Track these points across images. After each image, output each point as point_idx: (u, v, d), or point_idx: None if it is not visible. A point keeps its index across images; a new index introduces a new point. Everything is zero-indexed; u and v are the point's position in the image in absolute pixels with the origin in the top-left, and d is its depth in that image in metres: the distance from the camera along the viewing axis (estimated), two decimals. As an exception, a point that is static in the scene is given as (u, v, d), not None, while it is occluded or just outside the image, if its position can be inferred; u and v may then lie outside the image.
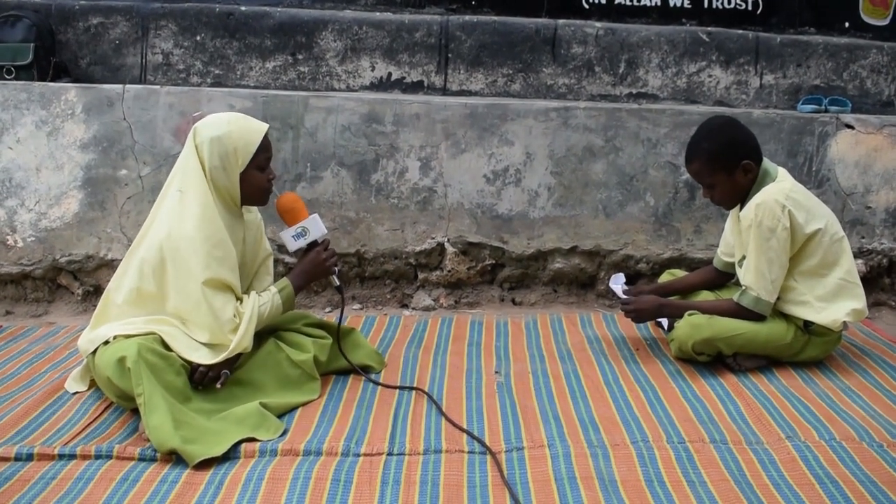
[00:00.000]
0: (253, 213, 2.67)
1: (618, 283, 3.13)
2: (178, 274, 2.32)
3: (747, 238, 2.73)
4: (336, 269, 2.65)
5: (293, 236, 2.58)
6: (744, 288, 2.77)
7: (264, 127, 2.47)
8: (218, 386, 2.37)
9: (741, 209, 2.78)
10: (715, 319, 2.75)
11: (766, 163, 2.79)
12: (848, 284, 2.76)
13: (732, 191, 2.78)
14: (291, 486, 1.98)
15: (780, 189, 2.69)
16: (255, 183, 2.47)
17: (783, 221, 2.65)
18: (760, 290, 2.71)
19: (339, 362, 2.73)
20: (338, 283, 2.70)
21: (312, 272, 2.62)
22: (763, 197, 2.68)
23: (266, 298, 2.49)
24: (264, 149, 2.46)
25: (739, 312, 2.76)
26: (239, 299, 2.44)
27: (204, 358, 2.33)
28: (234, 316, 2.37)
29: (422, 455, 2.17)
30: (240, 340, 2.36)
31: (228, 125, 2.41)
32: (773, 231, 2.66)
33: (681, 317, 2.85)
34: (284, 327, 2.66)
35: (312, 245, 2.61)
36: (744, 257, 2.78)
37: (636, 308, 2.90)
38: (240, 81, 4.14)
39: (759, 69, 4.27)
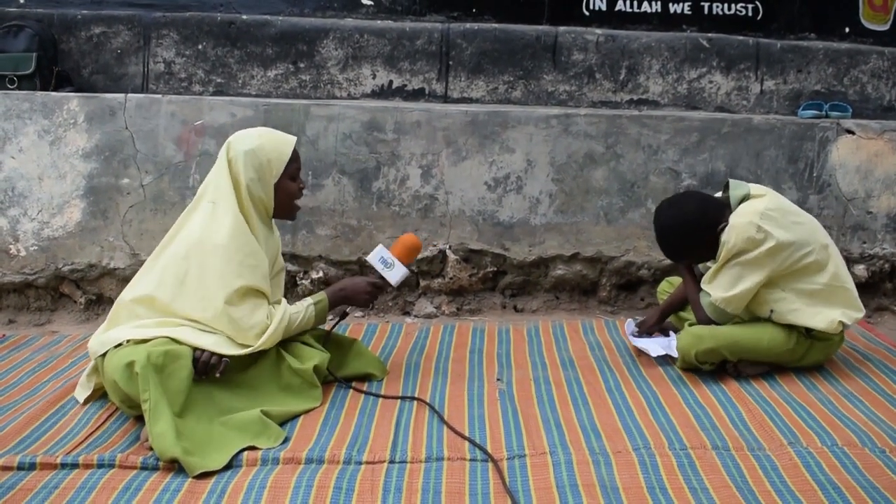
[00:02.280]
0: (275, 230, 2.72)
1: (630, 329, 3.13)
2: (204, 281, 2.38)
3: (720, 256, 2.74)
4: (370, 307, 2.81)
5: (381, 259, 2.71)
6: (702, 290, 2.81)
7: (293, 139, 2.58)
8: (217, 375, 2.36)
9: None
10: (716, 329, 2.75)
11: (734, 186, 2.78)
12: (836, 288, 2.75)
13: (716, 244, 2.76)
14: (293, 494, 1.98)
15: (755, 210, 2.67)
16: (288, 192, 2.57)
17: (762, 243, 2.63)
18: (717, 299, 2.73)
19: (342, 371, 2.74)
20: (347, 314, 2.88)
21: (351, 297, 2.72)
22: (738, 219, 2.68)
23: (300, 308, 2.58)
24: (295, 159, 2.58)
25: (696, 306, 2.83)
26: (270, 304, 2.51)
27: (214, 346, 2.36)
28: (267, 318, 2.45)
29: (424, 463, 2.17)
30: (265, 341, 2.44)
31: (260, 138, 2.51)
32: (743, 251, 2.66)
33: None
34: (288, 337, 2.66)
35: (378, 279, 2.72)
36: None
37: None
38: (241, 90, 4.15)
39: (760, 75, 4.28)
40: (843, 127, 3.74)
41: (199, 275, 2.38)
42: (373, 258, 2.72)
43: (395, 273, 2.70)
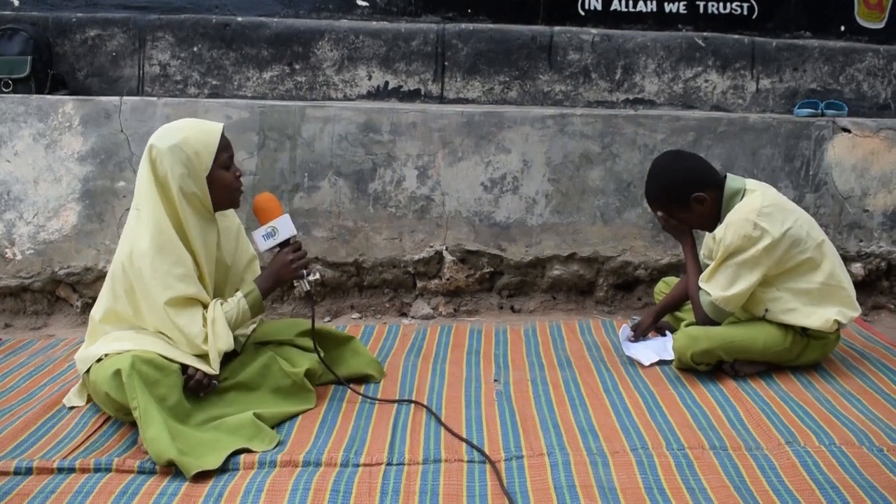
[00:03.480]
0: (229, 219, 2.65)
1: (625, 335, 3.12)
2: (145, 294, 2.33)
3: (717, 254, 2.73)
4: (306, 271, 2.56)
5: (263, 236, 2.52)
6: (700, 288, 2.79)
7: (219, 126, 2.45)
8: (201, 395, 2.37)
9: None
10: (711, 329, 2.75)
11: (732, 180, 2.78)
12: (832, 287, 2.75)
13: (700, 220, 2.81)
14: (291, 497, 1.98)
15: (752, 207, 2.67)
16: (223, 183, 2.44)
17: (758, 241, 2.64)
18: (717, 298, 2.73)
19: (338, 369, 2.71)
20: (307, 287, 2.57)
21: (280, 273, 2.55)
22: (735, 215, 2.68)
23: (231, 304, 2.47)
24: (224, 147, 2.44)
25: (696, 304, 2.81)
26: (206, 307, 2.44)
27: (200, 363, 2.35)
28: (204, 325, 2.38)
29: (421, 465, 2.17)
30: (215, 346, 2.37)
31: (183, 131, 2.39)
32: (741, 249, 2.65)
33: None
34: (279, 339, 2.66)
35: (283, 245, 2.55)
36: None
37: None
38: (237, 92, 4.15)
39: (756, 74, 4.28)
40: (838, 125, 3.74)
41: (140, 288, 2.33)
42: (260, 245, 2.54)
43: (282, 227, 2.52)
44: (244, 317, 2.51)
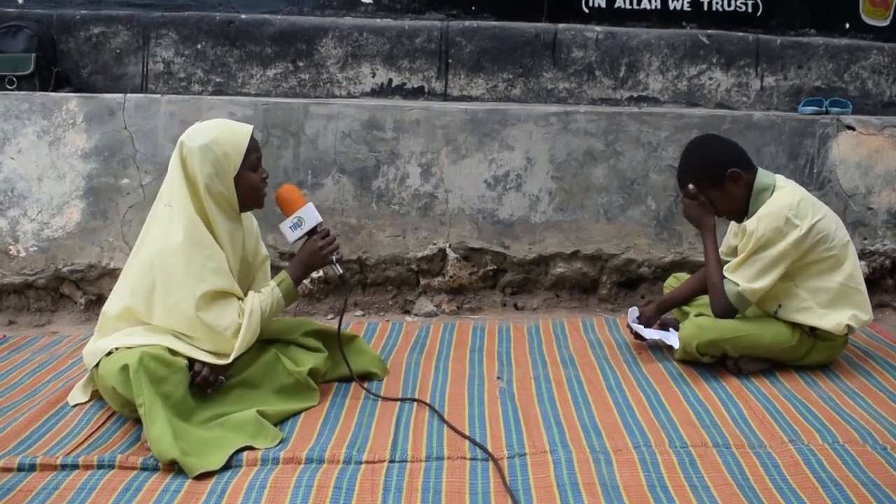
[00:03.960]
0: (249, 220, 2.67)
1: (633, 317, 3.11)
2: (171, 291, 2.32)
3: (746, 246, 2.72)
4: (336, 256, 2.59)
5: (290, 227, 2.56)
6: (726, 278, 2.77)
7: (249, 128, 2.47)
8: (209, 391, 2.37)
9: (744, 220, 2.77)
10: (720, 322, 2.75)
11: (763, 174, 2.78)
12: (850, 290, 2.74)
13: (730, 203, 2.79)
14: (293, 493, 1.98)
15: (785, 202, 2.67)
16: (250, 184, 2.46)
17: (788, 235, 2.63)
18: (745, 289, 2.71)
19: (341, 370, 2.72)
20: (340, 270, 2.63)
21: (309, 261, 2.58)
22: (769, 209, 2.67)
23: (266, 294, 2.49)
24: (253, 149, 2.46)
25: (717, 293, 2.78)
26: (241, 300, 2.46)
27: (211, 357, 2.36)
28: (239, 316, 2.40)
29: (424, 462, 2.17)
30: (244, 336, 2.38)
31: (214, 131, 2.41)
32: (771, 243, 2.65)
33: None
34: (285, 339, 2.66)
35: (311, 234, 2.58)
36: None
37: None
38: (241, 89, 4.15)
39: (760, 71, 4.27)
40: (843, 123, 3.73)
41: (165, 285, 2.32)
42: (289, 236, 2.57)
43: (307, 216, 2.55)
44: (279, 305, 2.53)
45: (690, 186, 2.80)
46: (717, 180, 2.75)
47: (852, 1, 4.51)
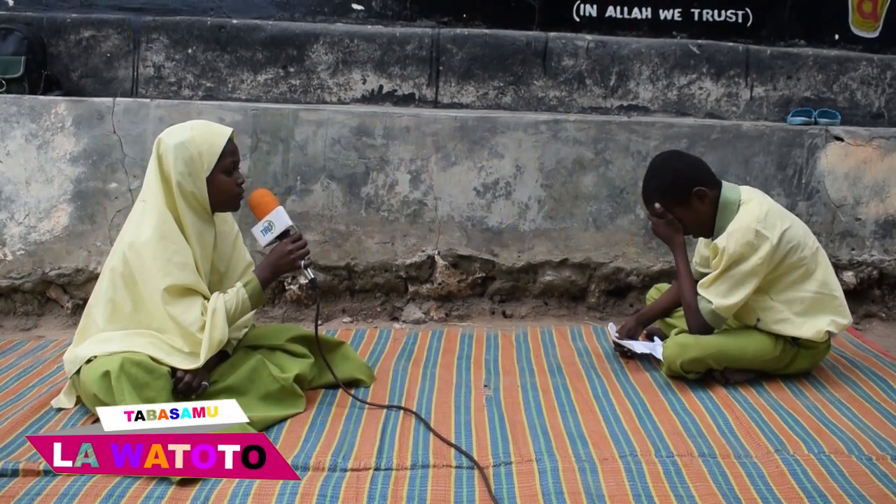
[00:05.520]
0: (229, 224, 2.67)
1: (614, 333, 3.10)
2: (139, 282, 2.36)
3: (719, 263, 2.72)
4: (305, 261, 2.57)
5: (261, 231, 2.55)
6: (699, 295, 2.77)
7: (228, 130, 2.48)
8: (192, 397, 2.36)
9: (714, 238, 2.78)
10: (701, 338, 2.75)
11: (726, 186, 2.79)
12: (824, 297, 2.76)
13: (697, 220, 2.80)
14: (278, 501, 1.97)
15: (754, 215, 2.68)
16: (223, 187, 2.47)
17: (760, 248, 2.64)
18: (719, 307, 2.71)
19: (328, 376, 2.71)
20: (311, 275, 2.60)
21: (277, 264, 2.56)
22: (738, 224, 2.68)
23: (231, 294, 2.48)
24: (230, 153, 2.47)
25: (692, 311, 2.78)
26: (207, 299, 2.45)
27: (185, 362, 2.35)
28: (202, 314, 2.38)
29: (409, 470, 2.16)
30: (210, 336, 2.36)
31: (191, 131, 2.43)
32: (743, 258, 2.65)
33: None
34: (270, 344, 2.65)
35: (283, 237, 2.57)
36: None
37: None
38: (231, 94, 4.14)
39: (750, 81, 4.29)
40: (831, 134, 3.75)
41: (140, 277, 2.36)
42: (260, 240, 2.56)
43: (277, 220, 2.54)
44: (244, 307, 2.51)
45: (657, 205, 2.81)
46: (683, 199, 2.76)
47: (842, 12, 4.54)
